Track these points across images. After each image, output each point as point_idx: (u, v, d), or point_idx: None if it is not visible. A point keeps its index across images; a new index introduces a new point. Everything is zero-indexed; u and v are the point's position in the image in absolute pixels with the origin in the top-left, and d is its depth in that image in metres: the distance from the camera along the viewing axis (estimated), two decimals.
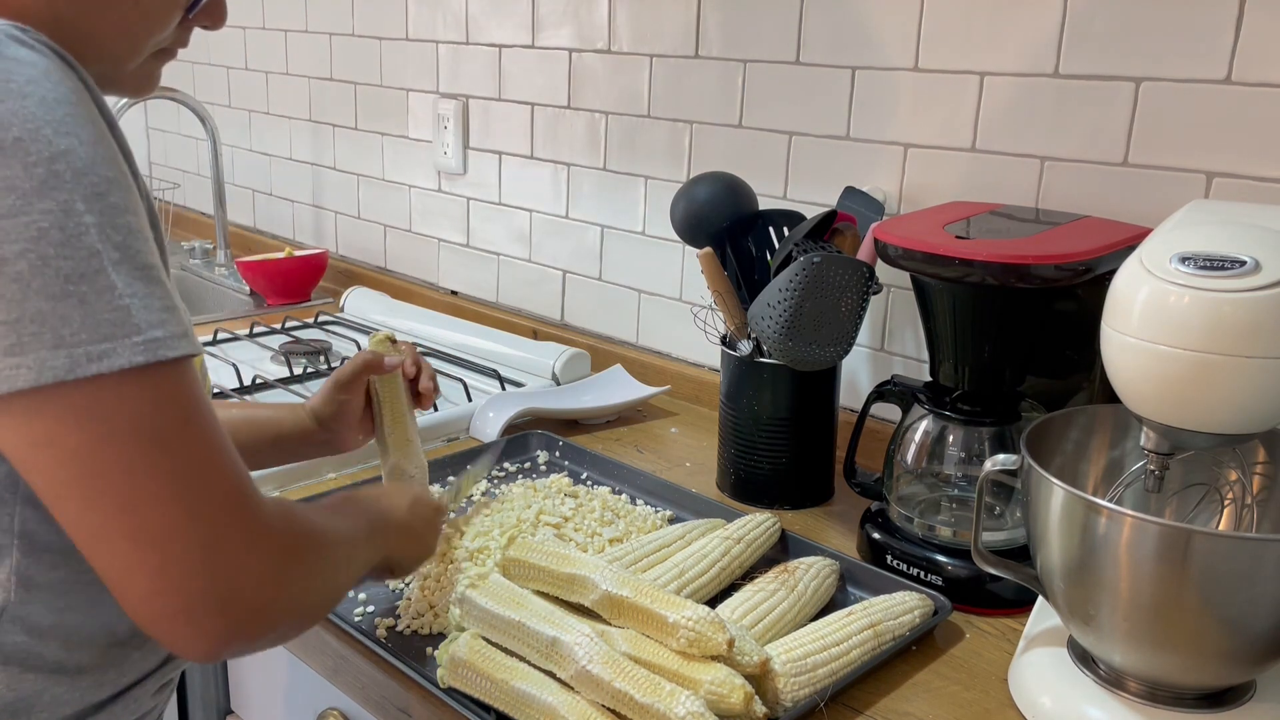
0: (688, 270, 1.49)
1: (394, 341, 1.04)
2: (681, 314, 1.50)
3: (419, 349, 1.61)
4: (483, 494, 1.18)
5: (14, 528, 0.61)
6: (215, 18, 0.74)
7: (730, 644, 0.77)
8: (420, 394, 1.03)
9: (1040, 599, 0.92)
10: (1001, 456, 0.84)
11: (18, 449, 0.55)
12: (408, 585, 0.98)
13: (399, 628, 0.93)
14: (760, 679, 0.81)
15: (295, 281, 1.95)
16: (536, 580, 0.87)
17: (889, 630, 0.89)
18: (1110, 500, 0.85)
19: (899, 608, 0.91)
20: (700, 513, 1.12)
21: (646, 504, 1.16)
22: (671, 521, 1.13)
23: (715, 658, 0.78)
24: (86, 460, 0.54)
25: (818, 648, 0.85)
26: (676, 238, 1.21)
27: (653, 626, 0.80)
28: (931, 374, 1.04)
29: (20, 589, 0.62)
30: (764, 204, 1.21)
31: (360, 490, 0.91)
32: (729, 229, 1.17)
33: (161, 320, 0.56)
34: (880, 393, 1.08)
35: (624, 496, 1.17)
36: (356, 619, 0.94)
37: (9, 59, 0.54)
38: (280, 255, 1.95)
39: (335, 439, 1.02)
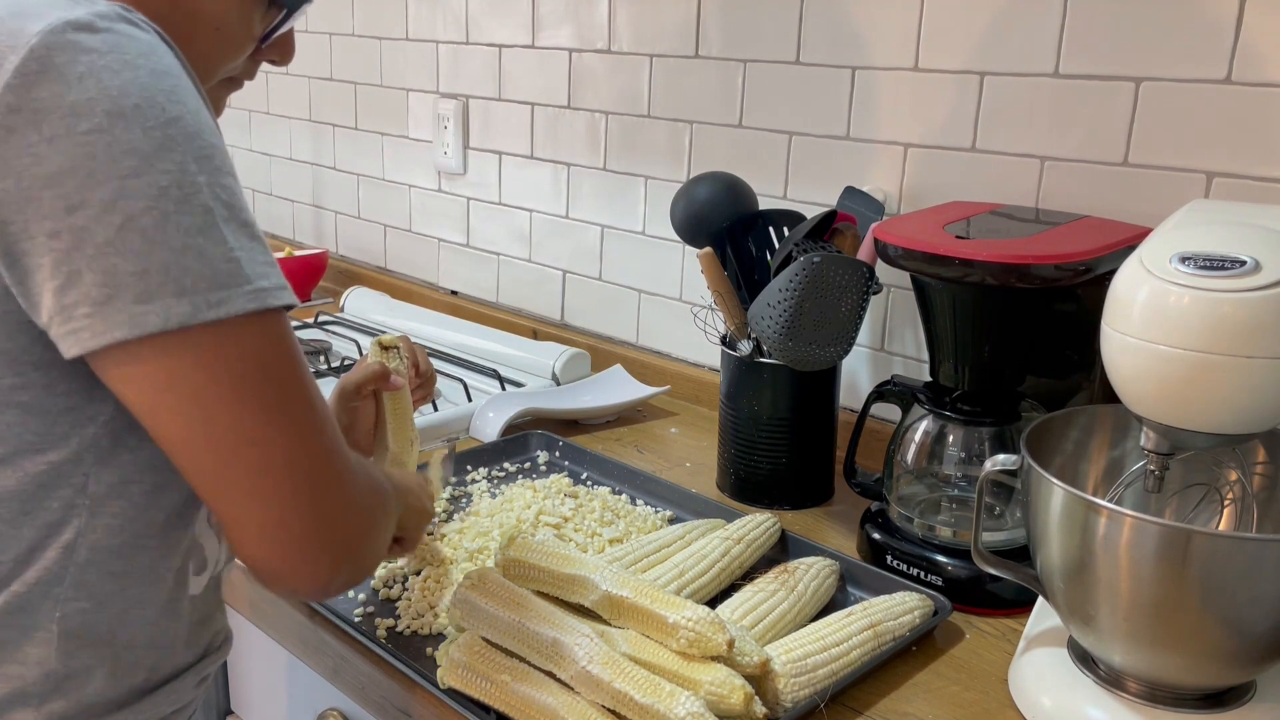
0: (688, 270, 1.49)
1: (388, 347, 1.03)
2: (681, 314, 1.50)
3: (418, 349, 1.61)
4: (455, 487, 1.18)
5: (87, 488, 0.63)
6: (284, 53, 0.80)
7: (730, 644, 0.77)
8: (422, 384, 1.05)
9: (1040, 599, 0.92)
10: (1001, 456, 0.84)
11: (144, 394, 0.59)
12: (406, 586, 0.98)
13: (399, 628, 0.93)
14: (760, 679, 0.81)
15: (295, 281, 1.95)
16: (537, 581, 0.87)
17: (889, 630, 0.89)
18: (1110, 500, 0.85)
19: (899, 608, 0.91)
20: (700, 513, 1.12)
21: (646, 504, 1.16)
22: (671, 522, 1.13)
23: (715, 658, 0.78)
24: (208, 399, 0.59)
25: (818, 648, 0.85)
26: (676, 238, 1.21)
27: (653, 627, 0.80)
28: (931, 374, 1.04)
29: (87, 550, 0.64)
30: (764, 204, 1.20)
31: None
32: (729, 229, 1.17)
33: (266, 272, 0.61)
34: (880, 393, 1.08)
35: (624, 497, 1.17)
36: (356, 619, 0.94)
37: (120, 34, 0.58)
38: (280, 255, 1.95)
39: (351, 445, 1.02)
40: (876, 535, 1.05)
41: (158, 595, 0.69)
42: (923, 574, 0.99)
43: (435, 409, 1.37)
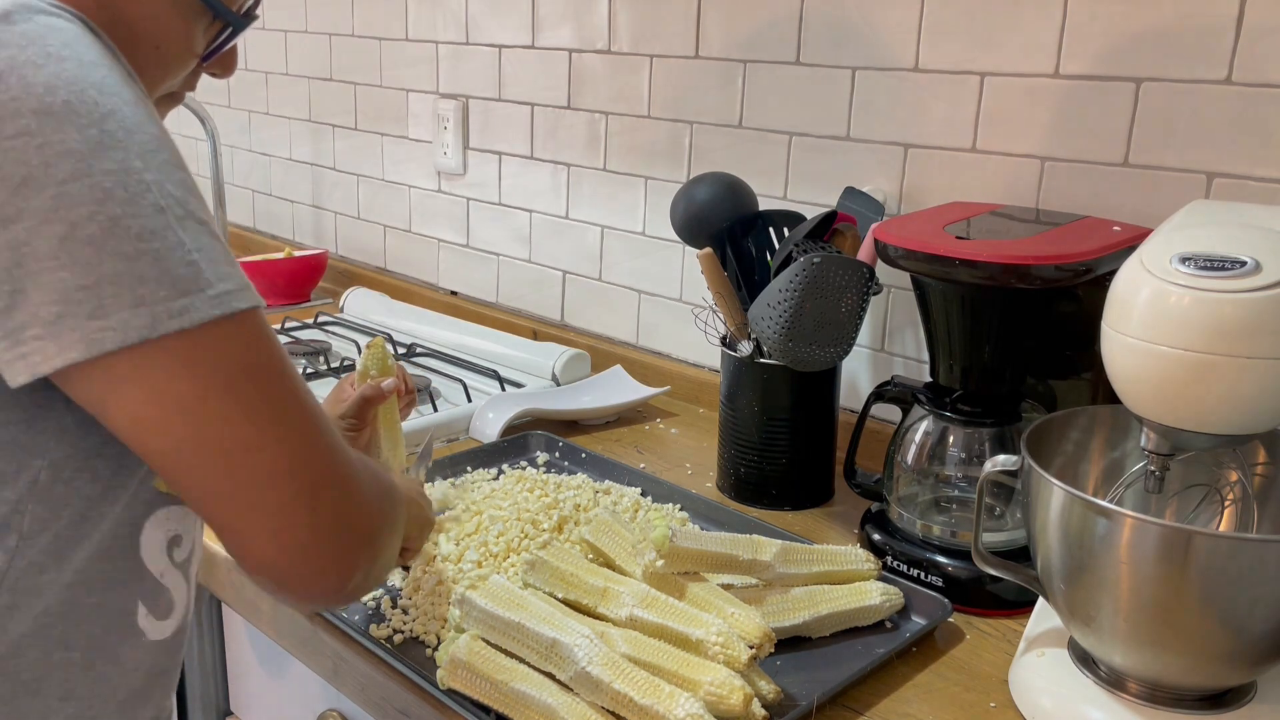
0: (688, 270, 1.49)
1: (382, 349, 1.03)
2: (681, 314, 1.50)
3: (418, 349, 1.61)
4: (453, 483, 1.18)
5: (22, 526, 0.59)
6: (227, 66, 0.75)
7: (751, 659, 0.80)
8: (408, 402, 1.03)
9: (1041, 600, 0.91)
10: (1002, 457, 0.84)
11: (125, 416, 0.55)
12: (405, 582, 0.98)
13: (398, 629, 0.93)
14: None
15: (295, 282, 1.95)
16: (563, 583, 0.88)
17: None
18: (1110, 501, 0.85)
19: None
20: (701, 513, 1.12)
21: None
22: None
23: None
24: (194, 412, 0.55)
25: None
26: (676, 238, 1.21)
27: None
28: (931, 374, 1.04)
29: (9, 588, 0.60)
30: (764, 204, 1.20)
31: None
32: (729, 229, 1.17)
33: (228, 273, 0.56)
34: (880, 393, 1.08)
35: (649, 498, 1.17)
36: (356, 620, 0.94)
37: (40, 25, 0.54)
38: (280, 255, 1.95)
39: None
40: (876, 536, 1.05)
41: (87, 635, 0.64)
42: (923, 574, 0.99)
43: (435, 409, 1.37)
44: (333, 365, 1.57)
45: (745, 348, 1.17)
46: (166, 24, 0.66)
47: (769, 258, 1.17)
